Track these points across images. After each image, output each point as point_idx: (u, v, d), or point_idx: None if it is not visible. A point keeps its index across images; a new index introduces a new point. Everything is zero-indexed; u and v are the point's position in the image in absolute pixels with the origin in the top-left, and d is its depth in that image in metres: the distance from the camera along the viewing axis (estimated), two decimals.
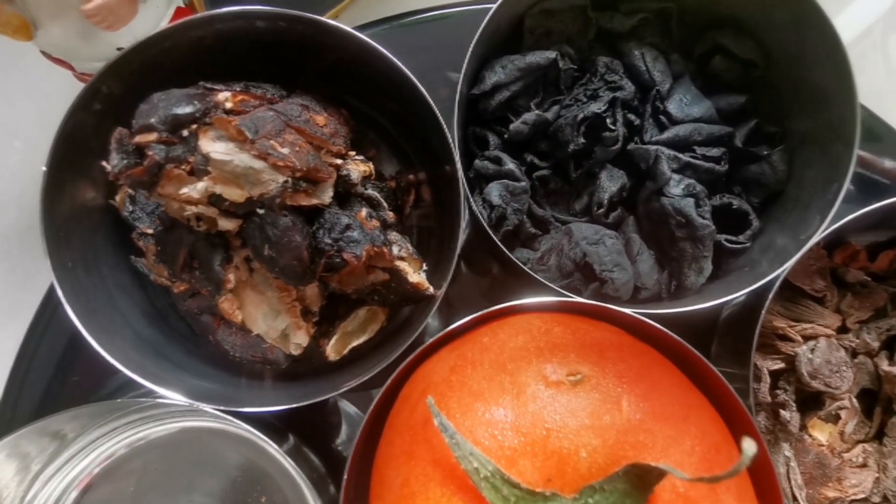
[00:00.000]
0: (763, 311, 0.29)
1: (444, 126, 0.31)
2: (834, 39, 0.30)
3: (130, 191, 0.32)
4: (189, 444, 0.36)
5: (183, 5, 0.37)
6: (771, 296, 0.29)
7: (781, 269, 0.29)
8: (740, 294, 0.30)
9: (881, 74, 0.52)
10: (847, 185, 0.29)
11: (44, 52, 0.36)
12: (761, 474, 0.26)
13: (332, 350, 0.33)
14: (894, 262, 0.36)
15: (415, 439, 0.24)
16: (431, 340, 0.28)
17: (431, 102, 0.30)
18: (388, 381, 0.27)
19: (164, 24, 0.36)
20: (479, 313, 0.28)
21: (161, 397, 0.28)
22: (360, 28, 0.44)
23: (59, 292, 0.27)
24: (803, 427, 0.34)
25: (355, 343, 0.34)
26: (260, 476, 0.36)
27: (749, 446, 0.18)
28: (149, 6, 0.34)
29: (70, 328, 0.28)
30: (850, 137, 0.29)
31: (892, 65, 0.51)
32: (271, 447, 0.29)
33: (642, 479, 0.21)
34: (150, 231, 0.32)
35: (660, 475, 0.21)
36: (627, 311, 0.28)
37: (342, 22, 0.45)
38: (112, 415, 0.31)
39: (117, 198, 0.33)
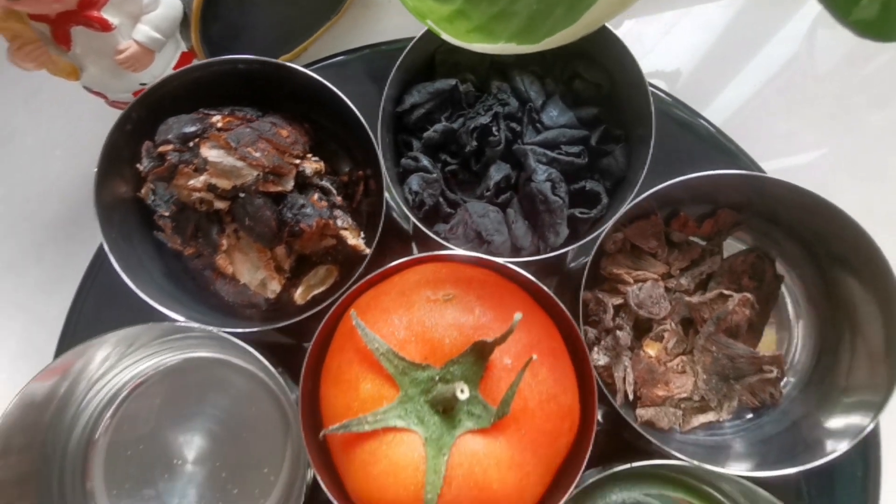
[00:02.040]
0: (590, 257, 0.42)
1: (371, 136, 0.44)
2: (636, 72, 0.43)
3: (152, 186, 0.46)
4: (200, 369, 0.49)
5: (186, 50, 0.50)
6: (595, 247, 0.42)
7: (602, 228, 0.42)
8: (574, 245, 0.43)
9: (807, 98, 0.61)
10: (643, 174, 0.42)
11: (85, 87, 0.49)
12: (578, 357, 0.39)
13: (299, 297, 0.46)
14: (713, 227, 0.49)
15: (345, 339, 0.38)
16: (362, 281, 0.41)
17: (361, 118, 0.43)
18: (332, 309, 0.40)
19: (174, 63, 0.49)
20: (395, 263, 0.41)
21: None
22: (322, 60, 0.57)
23: (109, 254, 0.40)
24: (639, 346, 0.47)
25: (316, 292, 0.47)
26: (251, 392, 0.49)
27: (517, 315, 0.31)
28: (162, 54, 0.47)
29: (113, 280, 0.41)
30: (643, 144, 0.43)
31: (814, 90, 0.61)
32: (258, 357, 0.41)
33: (482, 352, 0.34)
34: (166, 214, 0.45)
35: (491, 347, 0.34)
36: (495, 259, 0.41)
37: (306, 56, 0.59)
38: (151, 335, 0.44)
39: (143, 191, 0.46)
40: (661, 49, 0.60)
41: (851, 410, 0.43)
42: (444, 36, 0.32)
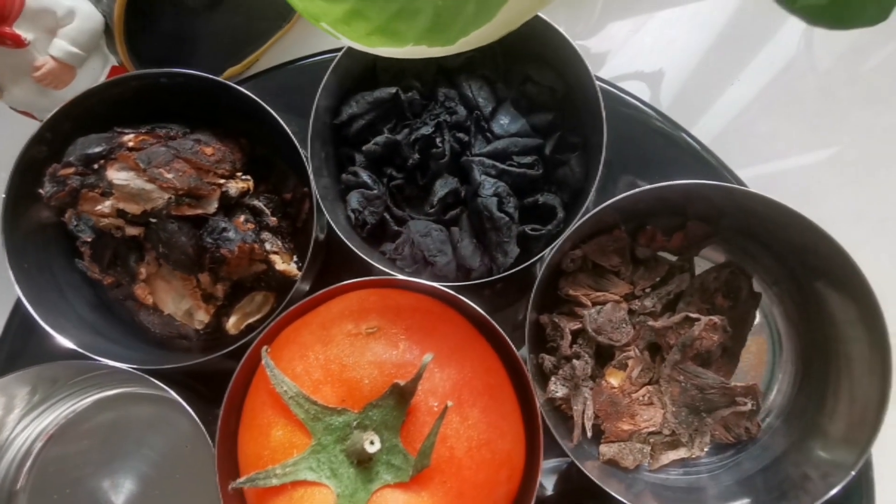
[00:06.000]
0: (538, 277, 0.38)
1: (300, 151, 0.40)
2: (586, 74, 0.39)
3: (75, 211, 0.43)
4: (128, 407, 0.46)
5: (117, 65, 0.47)
6: (542, 266, 0.38)
7: (552, 245, 0.38)
8: (527, 264, 0.39)
9: (793, 99, 0.56)
10: (595, 185, 0.38)
11: (11, 107, 0.46)
12: (525, 394, 0.35)
13: (232, 326, 0.43)
14: (684, 241, 0.45)
15: (260, 377, 0.34)
16: (288, 311, 0.37)
17: (289, 132, 0.40)
18: (256, 341, 0.37)
19: (103, 79, 0.47)
20: (324, 290, 0.38)
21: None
22: (271, 71, 0.54)
23: (17, 289, 0.38)
24: (602, 375, 0.43)
25: (251, 320, 0.44)
26: (187, 433, 0.45)
27: (427, 357, 0.27)
28: (86, 69, 0.44)
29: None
30: (599, 152, 0.39)
31: (821, 83, 0.56)
32: (175, 396, 0.38)
33: (402, 395, 0.31)
34: (88, 240, 0.42)
35: (410, 392, 0.30)
36: (430, 283, 0.37)
37: (257, 67, 0.55)
38: (68, 374, 0.41)
39: (66, 216, 0.43)
40: (634, 52, 0.56)
41: (840, 444, 0.38)
42: (344, 40, 0.28)
